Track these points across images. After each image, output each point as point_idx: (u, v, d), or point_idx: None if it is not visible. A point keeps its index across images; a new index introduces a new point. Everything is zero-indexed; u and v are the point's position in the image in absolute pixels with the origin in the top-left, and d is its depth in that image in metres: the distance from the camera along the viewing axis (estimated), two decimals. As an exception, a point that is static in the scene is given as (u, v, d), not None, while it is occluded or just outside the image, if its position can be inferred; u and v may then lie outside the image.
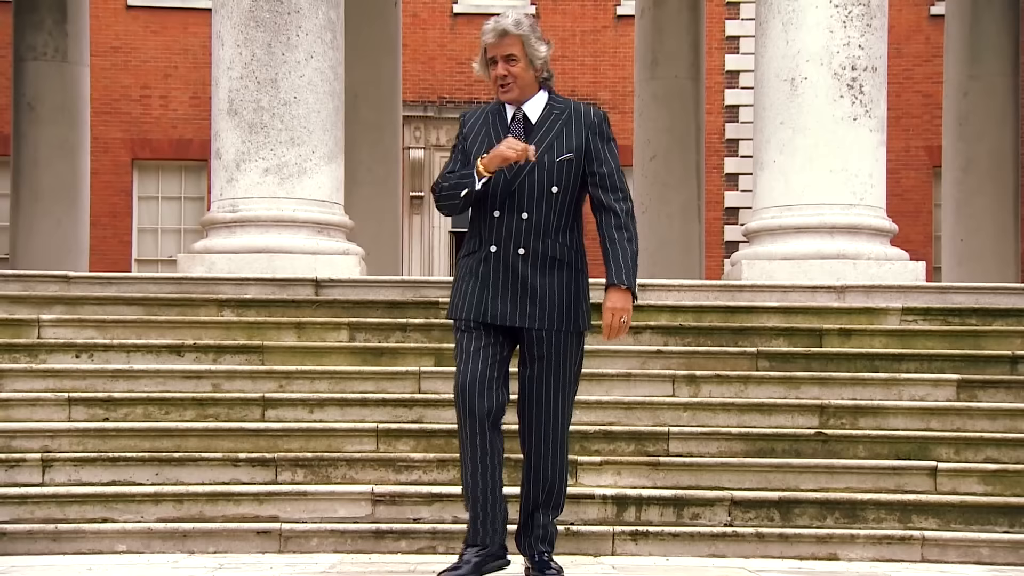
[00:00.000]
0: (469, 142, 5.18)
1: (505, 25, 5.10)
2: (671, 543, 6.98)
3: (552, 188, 5.05)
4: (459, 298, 5.12)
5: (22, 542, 6.87)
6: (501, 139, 5.07)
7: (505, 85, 5.13)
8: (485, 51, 5.17)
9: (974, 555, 6.99)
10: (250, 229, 9.98)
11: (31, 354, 8.45)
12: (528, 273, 5.00)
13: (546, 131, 5.11)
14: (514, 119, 5.17)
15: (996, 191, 15.40)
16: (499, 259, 5.01)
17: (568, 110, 5.19)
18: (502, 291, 5.01)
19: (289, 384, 8.23)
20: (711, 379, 8.30)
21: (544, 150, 5.07)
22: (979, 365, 8.52)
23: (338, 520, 7.11)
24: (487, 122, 5.22)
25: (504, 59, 5.11)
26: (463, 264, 5.15)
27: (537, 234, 5.03)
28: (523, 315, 5.00)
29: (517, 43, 5.11)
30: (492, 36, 5.11)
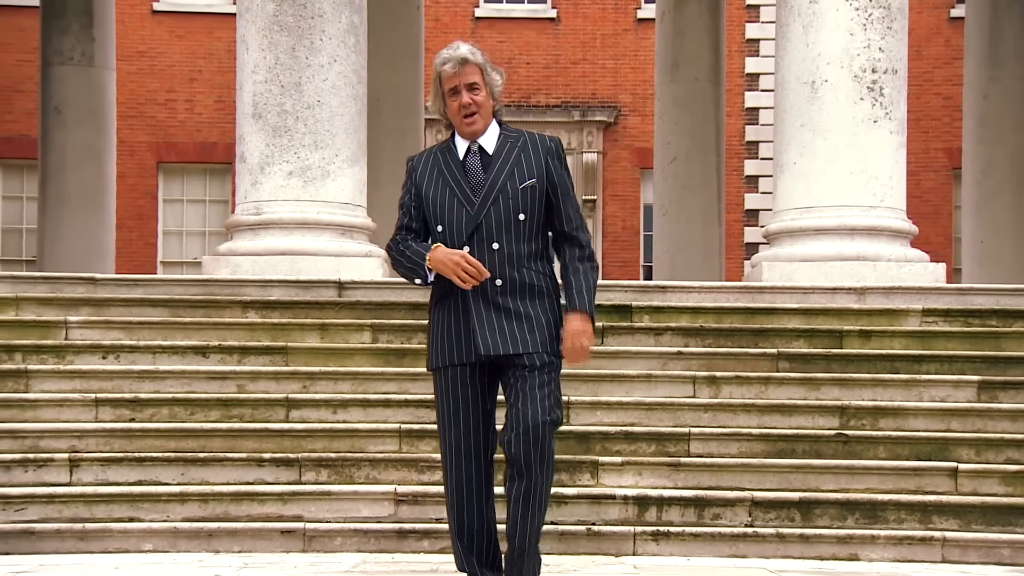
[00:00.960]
0: (424, 184, 4.97)
1: (463, 54, 4.89)
2: (692, 543, 6.97)
3: (519, 216, 4.87)
4: (440, 344, 4.91)
5: (50, 541, 6.91)
6: (456, 176, 4.92)
7: (470, 115, 4.91)
8: (440, 83, 4.92)
9: (995, 556, 6.96)
10: (274, 231, 10.01)
11: (59, 355, 8.49)
12: (509, 302, 4.82)
13: (504, 159, 4.93)
14: (469, 152, 4.95)
15: (1016, 193, 15.31)
16: (477, 292, 4.80)
17: (523, 138, 4.99)
18: (487, 322, 4.81)
19: (313, 385, 8.25)
20: (731, 380, 8.28)
21: (506, 178, 4.89)
22: (1000, 366, 8.48)
23: (361, 520, 7.13)
24: (437, 161, 5.00)
25: (468, 88, 4.89)
26: (439, 310, 4.93)
27: (511, 263, 4.84)
28: (510, 342, 4.80)
29: (477, 71, 4.91)
30: (452, 66, 4.88)
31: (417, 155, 5.14)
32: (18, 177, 22.40)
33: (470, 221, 4.85)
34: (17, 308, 9.09)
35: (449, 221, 4.89)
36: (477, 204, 4.86)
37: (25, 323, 8.88)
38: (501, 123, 5.03)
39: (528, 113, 23.24)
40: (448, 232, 4.87)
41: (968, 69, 15.86)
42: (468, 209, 4.86)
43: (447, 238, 4.86)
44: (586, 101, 23.59)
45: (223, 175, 22.43)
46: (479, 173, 4.92)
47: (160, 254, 22.83)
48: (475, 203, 4.87)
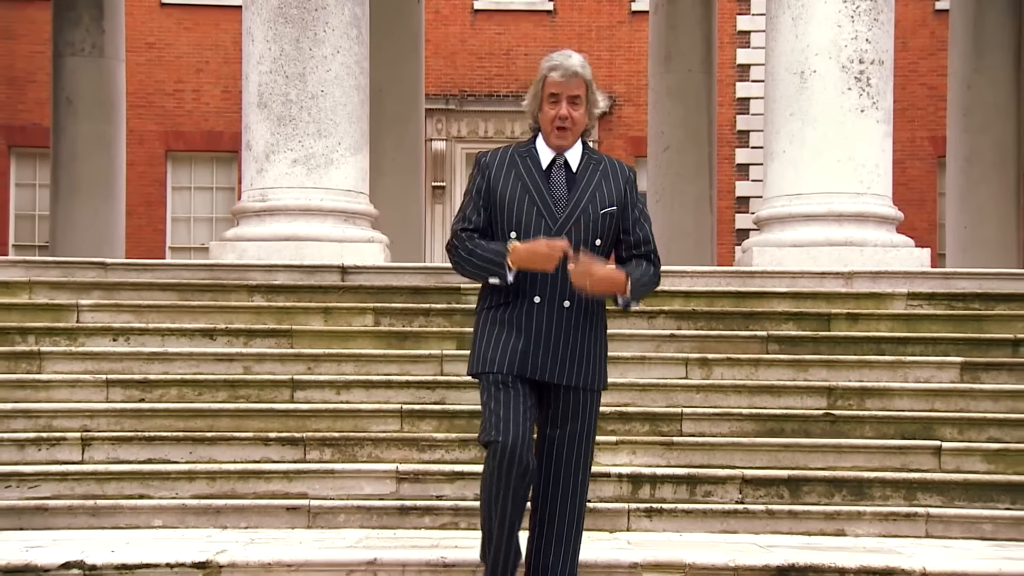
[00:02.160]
0: (500, 185, 4.71)
1: (575, 65, 4.67)
2: (684, 519, 6.99)
3: (596, 241, 4.68)
4: (495, 351, 4.67)
5: (63, 517, 6.91)
6: (539, 185, 4.68)
7: (563, 128, 4.69)
8: (543, 85, 4.70)
9: (977, 531, 6.98)
10: (279, 217, 10.00)
11: (71, 337, 8.49)
12: (572, 327, 4.64)
13: (587, 182, 4.72)
14: (554, 164, 4.73)
15: (999, 181, 15.32)
16: (543, 311, 4.61)
17: (604, 162, 4.81)
18: (544, 344, 4.61)
19: (317, 367, 8.25)
20: (723, 362, 8.29)
21: (587, 201, 4.69)
22: (982, 348, 8.49)
23: (364, 497, 7.14)
24: (515, 164, 4.74)
25: (569, 100, 4.68)
26: (492, 315, 4.71)
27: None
28: (566, 372, 4.65)
29: (583, 86, 4.70)
30: (561, 74, 4.66)
31: (491, 152, 4.86)
32: (31, 165, 22.36)
33: (550, 236, 4.61)
34: (30, 292, 9.09)
35: (526, 230, 4.65)
36: (560, 220, 4.65)
37: (38, 306, 8.88)
38: (586, 143, 4.84)
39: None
40: (524, 241, 4.63)
41: (952, 60, 15.85)
42: (549, 222, 4.65)
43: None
44: (582, 91, 23.52)
45: (229, 163, 22.41)
46: (562, 189, 4.70)
47: (169, 240, 22.81)
48: (558, 218, 4.66)
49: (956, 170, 15.57)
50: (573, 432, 4.73)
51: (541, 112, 4.74)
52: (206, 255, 10.66)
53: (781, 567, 5.82)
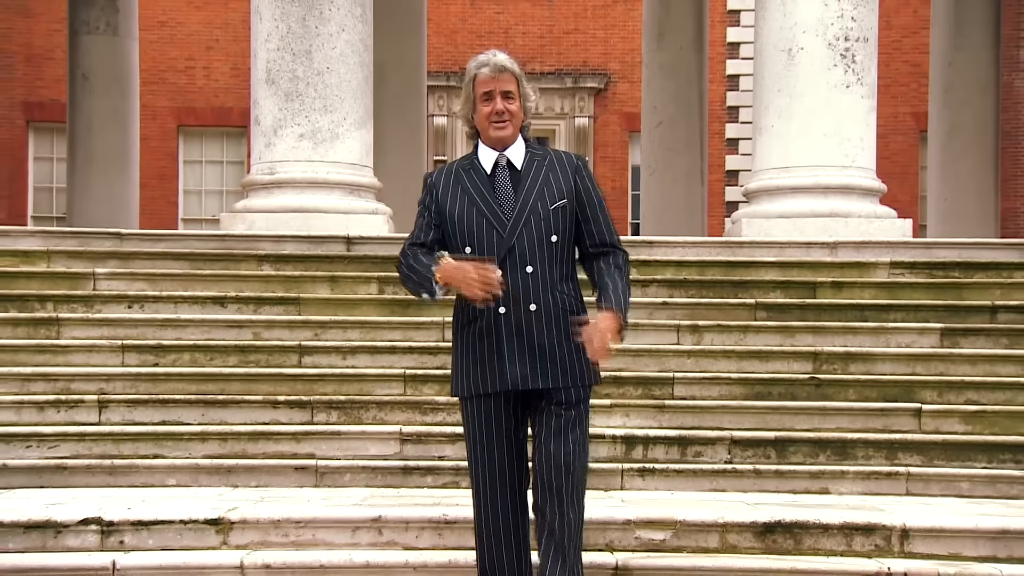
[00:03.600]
0: (448, 203, 4.43)
1: (502, 61, 4.42)
2: (675, 479, 6.99)
3: (552, 237, 4.36)
4: (471, 370, 4.40)
5: (81, 475, 6.92)
6: (484, 194, 4.39)
7: (501, 122, 4.39)
8: (473, 87, 4.43)
9: (955, 489, 6.99)
10: (287, 190, 9.98)
11: (88, 304, 8.48)
12: (543, 330, 4.32)
13: (533, 178, 4.42)
14: (497, 166, 4.44)
15: (978, 154, 15.30)
16: (510, 319, 4.30)
17: (548, 156, 4.48)
18: (519, 353, 4.32)
19: (323, 333, 8.25)
20: (713, 328, 8.29)
21: (536, 198, 4.37)
22: (961, 314, 8.49)
23: (369, 457, 7.14)
24: (460, 179, 4.45)
25: (503, 95, 4.40)
26: (465, 334, 4.42)
27: (545, 287, 4.34)
28: (544, 375, 4.33)
29: (513, 80, 4.41)
30: (489, 70, 4.39)
31: (436, 171, 4.58)
32: (48, 139, 22.31)
33: (502, 244, 4.34)
34: (49, 261, 9.08)
35: (479, 243, 4.36)
36: (509, 226, 4.35)
37: (56, 275, 8.88)
38: (527, 138, 4.53)
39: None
40: (478, 254, 4.34)
41: (935, 38, 15.79)
42: (500, 231, 4.35)
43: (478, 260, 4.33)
44: (578, 69, 23.45)
45: (239, 138, 22.35)
46: (508, 192, 4.40)
47: (181, 211, 22.79)
48: (507, 224, 4.35)
49: (937, 144, 15.55)
50: (564, 436, 4.37)
51: (476, 113, 4.45)
52: (217, 226, 10.64)
53: (768, 524, 5.83)
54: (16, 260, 9.07)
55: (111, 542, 5.70)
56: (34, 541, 5.68)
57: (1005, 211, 17.40)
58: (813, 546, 5.80)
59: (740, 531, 5.82)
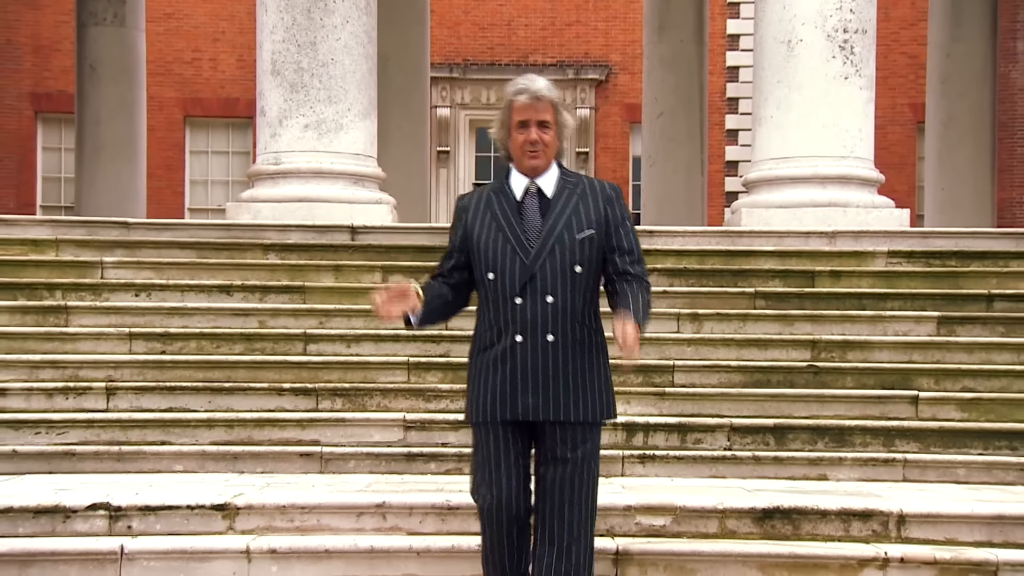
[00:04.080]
0: (476, 228, 4.32)
1: (540, 89, 4.29)
2: (675, 465, 7.00)
3: (576, 267, 4.24)
4: (483, 397, 4.28)
5: (89, 461, 6.93)
6: (511, 221, 4.26)
7: (535, 152, 4.28)
8: (509, 113, 4.31)
9: (951, 475, 6.99)
10: (292, 180, 9.97)
11: (95, 293, 8.48)
12: (560, 362, 4.19)
13: (563, 206, 4.28)
14: (527, 193, 4.32)
15: (975, 145, 15.28)
16: (527, 349, 4.19)
17: (582, 184, 4.36)
18: (532, 383, 4.19)
19: (328, 321, 8.25)
20: (712, 317, 8.28)
21: (563, 227, 4.25)
22: (958, 303, 8.48)
23: (373, 444, 7.15)
24: (491, 204, 4.34)
25: (538, 125, 4.28)
26: (480, 361, 4.34)
27: (564, 318, 4.22)
28: (558, 408, 4.20)
29: (550, 109, 4.29)
30: (527, 98, 4.27)
31: (468, 194, 4.47)
32: (57, 130, 22.29)
33: (524, 271, 4.22)
34: (57, 249, 9.08)
35: (502, 269, 4.25)
36: (532, 253, 4.22)
37: (64, 263, 8.88)
38: (561, 165, 4.41)
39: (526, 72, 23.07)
40: (501, 281, 4.24)
41: (932, 29, 15.76)
42: (523, 258, 4.23)
43: (500, 288, 4.25)
44: (580, 60, 23.41)
45: (245, 128, 22.33)
46: (535, 219, 4.27)
47: (187, 201, 22.78)
48: (530, 252, 4.23)
49: (934, 135, 15.53)
50: (570, 471, 4.26)
51: (511, 139, 4.34)
52: (223, 216, 10.63)
53: (766, 509, 5.84)
54: (25, 248, 9.08)
55: (119, 527, 5.71)
56: (43, 526, 5.69)
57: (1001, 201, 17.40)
58: (811, 531, 5.80)
59: (739, 517, 5.83)
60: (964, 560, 5.53)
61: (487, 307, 4.33)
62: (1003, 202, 17.77)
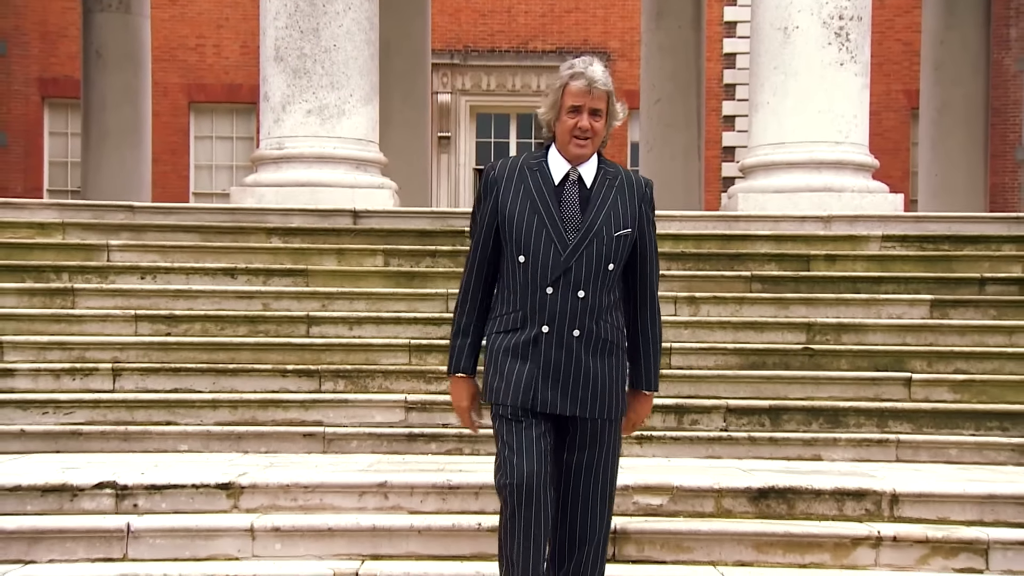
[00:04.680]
0: (508, 203, 4.11)
1: (598, 75, 4.08)
2: (672, 446, 7.00)
3: (609, 265, 4.07)
4: (503, 382, 4.11)
5: (96, 441, 6.93)
6: (549, 206, 4.07)
7: (584, 139, 4.09)
8: (562, 95, 4.10)
9: (943, 455, 7.00)
10: (295, 164, 9.95)
11: (101, 275, 8.47)
12: (584, 357, 4.06)
13: (602, 200, 4.11)
14: (567, 179, 4.12)
15: (968, 131, 15.26)
16: (551, 341, 4.04)
17: (620, 177, 4.19)
18: (553, 376, 4.05)
19: (331, 304, 8.24)
20: (709, 300, 8.28)
21: (602, 223, 4.08)
22: (951, 286, 8.48)
23: (375, 425, 7.15)
24: (524, 178, 4.12)
25: (591, 112, 4.09)
26: (501, 342, 4.13)
27: (592, 314, 4.06)
28: (577, 403, 4.07)
29: (605, 98, 4.10)
30: (583, 83, 4.07)
31: (499, 164, 4.20)
32: (63, 115, 22.25)
33: (559, 264, 4.04)
34: (64, 233, 9.07)
35: (535, 256, 4.05)
36: (571, 247, 4.04)
37: (71, 246, 8.87)
38: (601, 155, 4.24)
39: (526, 58, 23.04)
40: (532, 268, 4.05)
41: (926, 17, 15.73)
42: (559, 248, 4.04)
43: (531, 274, 4.05)
44: (578, 47, 23.34)
45: (248, 114, 22.28)
46: (575, 210, 4.09)
47: (192, 185, 22.74)
48: (568, 244, 4.04)
49: (928, 121, 15.50)
50: (591, 463, 4.14)
51: (559, 121, 4.12)
52: (227, 200, 10.61)
53: (762, 489, 5.84)
54: (32, 232, 9.06)
55: (125, 505, 5.72)
56: (51, 504, 5.70)
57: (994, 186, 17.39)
58: (806, 511, 5.81)
59: (735, 496, 5.83)
60: (956, 539, 5.54)
61: (512, 289, 4.13)
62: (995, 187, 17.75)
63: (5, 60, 21.56)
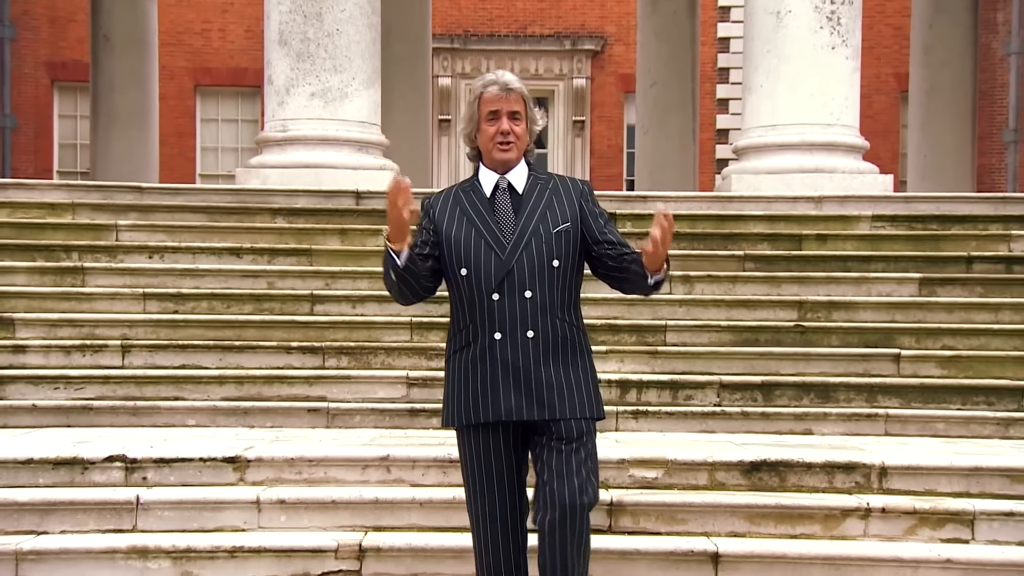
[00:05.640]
0: (445, 224, 3.99)
1: (510, 80, 3.99)
2: (667, 420, 7.01)
3: (553, 262, 3.91)
4: (462, 400, 3.92)
5: (106, 416, 6.94)
6: (484, 216, 3.96)
7: (506, 143, 3.96)
8: (478, 106, 3.99)
9: (931, 429, 7.01)
10: (299, 147, 9.94)
11: (111, 255, 8.47)
12: (540, 358, 3.86)
13: (536, 200, 3.98)
14: (498, 188, 3.99)
15: (956, 113, 15.24)
16: (506, 346, 3.85)
17: (553, 180, 4.05)
18: (514, 382, 3.85)
19: (334, 282, 8.24)
20: (703, 279, 8.28)
21: (538, 220, 3.94)
22: (939, 265, 8.48)
23: (377, 400, 7.15)
24: (459, 201, 4.02)
25: (509, 115, 3.97)
26: (457, 361, 3.96)
27: (544, 313, 3.88)
28: (541, 406, 3.86)
29: (520, 101, 3.99)
30: (497, 89, 3.96)
31: (434, 195, 4.14)
32: (72, 98, 22.19)
33: (500, 267, 3.89)
34: (74, 213, 9.06)
35: (476, 265, 3.92)
36: (508, 248, 3.91)
37: (81, 226, 8.86)
38: (530, 164, 4.08)
39: (524, 42, 22.96)
40: (475, 276, 3.91)
41: (916, 1, 15.68)
42: (498, 253, 3.91)
43: (474, 284, 3.91)
44: (576, 32, 23.28)
45: (253, 97, 22.22)
46: (508, 214, 3.97)
47: (198, 167, 22.70)
48: (506, 247, 3.91)
49: (917, 104, 15.48)
50: (566, 451, 3.87)
51: (480, 132, 4.01)
52: (233, 181, 10.60)
53: (754, 462, 5.85)
54: (43, 212, 9.06)
55: (135, 478, 5.73)
56: (62, 477, 5.71)
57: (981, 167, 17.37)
58: (797, 483, 5.82)
59: (728, 470, 5.84)
60: (943, 510, 5.55)
61: (460, 305, 3.98)
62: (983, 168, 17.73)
63: (15, 44, 21.46)
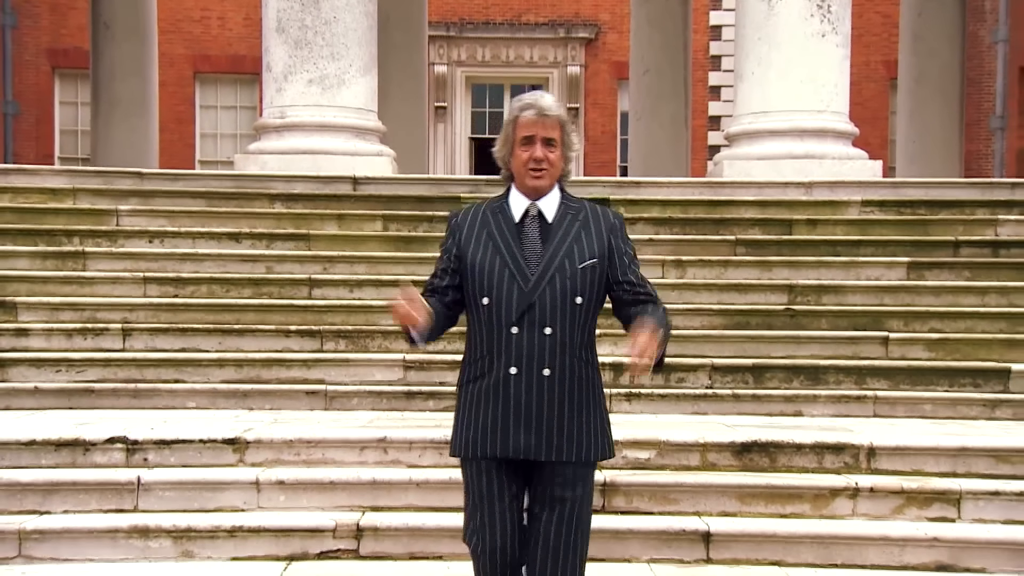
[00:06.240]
0: (471, 248, 3.80)
1: (548, 104, 3.78)
2: (660, 403, 7.02)
3: (576, 299, 3.72)
4: (472, 431, 3.77)
5: (107, 398, 6.94)
6: (510, 243, 3.75)
7: (539, 171, 3.76)
8: (514, 129, 3.78)
9: (918, 411, 7.03)
10: (297, 133, 9.91)
11: (111, 239, 8.45)
12: (555, 397, 3.71)
13: (565, 232, 3.78)
14: (527, 215, 3.79)
15: (944, 100, 15.22)
16: (520, 383, 3.70)
17: (584, 211, 3.84)
18: (525, 420, 3.70)
19: (332, 267, 8.23)
20: (696, 263, 8.28)
21: (565, 254, 3.75)
22: (926, 249, 8.48)
23: (375, 383, 7.16)
24: (487, 223, 3.81)
25: (544, 142, 3.75)
26: (470, 391, 3.81)
27: (563, 351, 3.71)
28: (552, 448, 3.71)
29: (557, 127, 3.77)
30: (533, 114, 3.75)
31: (462, 211, 3.93)
32: (73, 85, 22.11)
33: (523, 299, 3.70)
34: (75, 198, 9.04)
35: (498, 295, 3.73)
36: (533, 281, 3.71)
37: (82, 211, 8.84)
38: (564, 189, 3.88)
39: (519, 30, 22.90)
40: (496, 307, 3.73)
41: (905, -10, 15.64)
42: (521, 284, 3.71)
43: (494, 314, 3.73)
44: (570, 20, 23.22)
45: (252, 84, 22.14)
46: (536, 244, 3.76)
47: (198, 153, 22.64)
48: (530, 279, 3.71)
49: (906, 91, 15.46)
50: (562, 513, 3.75)
51: (514, 157, 3.80)
52: (232, 167, 10.57)
53: (745, 444, 5.86)
54: (45, 197, 9.03)
55: (136, 459, 5.73)
56: (65, 458, 5.71)
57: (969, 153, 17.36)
58: (787, 464, 5.83)
59: (719, 450, 5.85)
60: (930, 489, 5.57)
61: (478, 334, 3.83)
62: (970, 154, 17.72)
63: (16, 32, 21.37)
